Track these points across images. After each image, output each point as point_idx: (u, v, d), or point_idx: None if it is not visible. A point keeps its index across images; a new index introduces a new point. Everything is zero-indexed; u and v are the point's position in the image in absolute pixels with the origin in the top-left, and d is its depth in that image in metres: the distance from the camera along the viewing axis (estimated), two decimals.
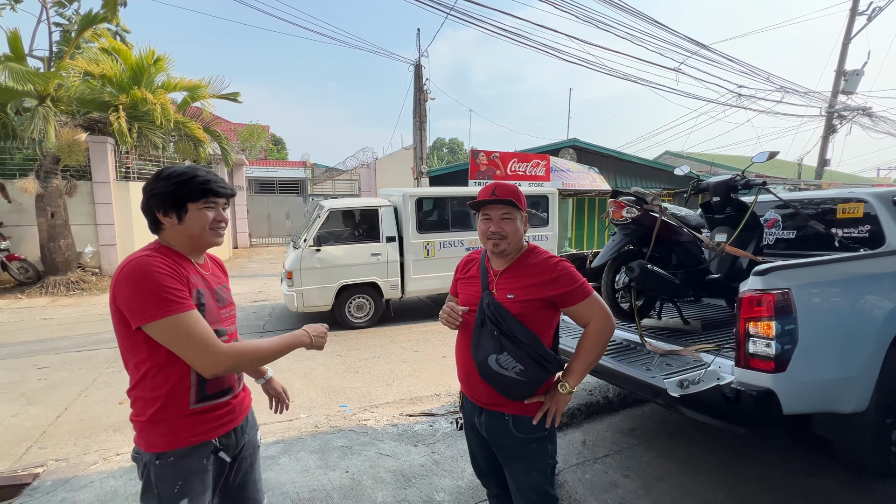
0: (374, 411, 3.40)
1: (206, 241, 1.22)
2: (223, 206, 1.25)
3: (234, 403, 1.27)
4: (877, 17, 12.39)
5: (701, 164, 16.84)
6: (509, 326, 1.35)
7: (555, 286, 1.37)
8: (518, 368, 1.34)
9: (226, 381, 1.23)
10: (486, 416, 1.46)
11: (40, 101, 7.95)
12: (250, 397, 1.39)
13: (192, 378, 1.15)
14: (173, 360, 1.11)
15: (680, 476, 2.44)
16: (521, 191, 1.46)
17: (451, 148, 48.46)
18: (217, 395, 1.21)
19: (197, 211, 1.17)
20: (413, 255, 6.18)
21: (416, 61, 10.78)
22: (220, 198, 1.22)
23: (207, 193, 1.18)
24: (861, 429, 2.16)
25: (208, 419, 1.19)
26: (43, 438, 3.04)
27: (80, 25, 8.79)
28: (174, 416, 1.14)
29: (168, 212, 1.17)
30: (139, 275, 1.06)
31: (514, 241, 1.42)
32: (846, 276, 2.17)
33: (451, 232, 6.45)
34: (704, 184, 3.14)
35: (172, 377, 1.13)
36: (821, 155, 13.63)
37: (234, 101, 10.37)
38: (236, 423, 1.27)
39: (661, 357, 2.37)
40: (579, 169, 12.14)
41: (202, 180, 1.18)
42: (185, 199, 1.16)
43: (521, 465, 1.44)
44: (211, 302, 1.21)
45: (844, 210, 2.93)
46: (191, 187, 1.16)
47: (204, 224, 1.19)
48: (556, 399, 1.42)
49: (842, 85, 12.90)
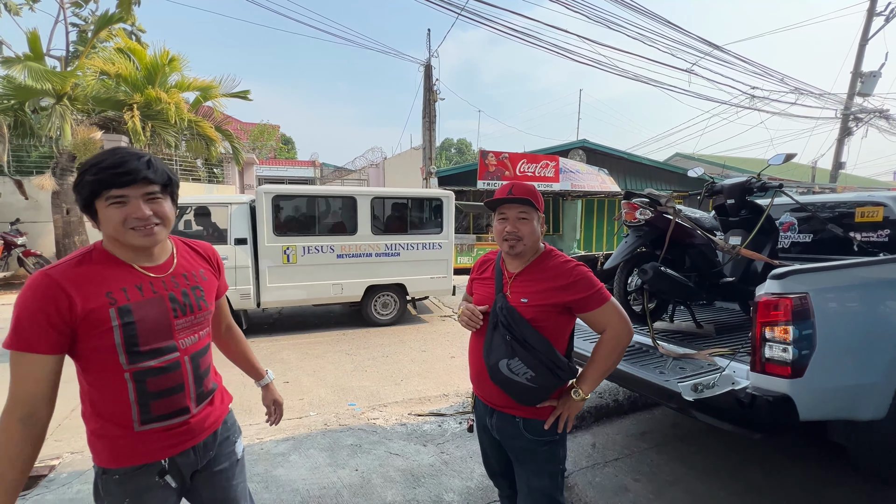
0: (382, 410, 3.41)
1: (130, 242, 0.98)
2: (147, 198, 0.98)
3: (192, 423, 1.11)
4: (895, 17, 12.16)
5: (712, 167, 16.65)
6: (522, 331, 1.32)
7: (570, 291, 1.33)
8: (529, 375, 1.31)
9: (176, 401, 1.07)
10: (498, 418, 1.46)
11: (57, 99, 8.10)
12: (221, 410, 1.22)
13: (130, 397, 1.01)
14: (105, 379, 1.00)
15: (692, 481, 2.42)
16: (538, 191, 1.44)
17: (458, 148, 48.46)
18: (164, 417, 1.05)
19: (103, 209, 0.96)
20: (269, 260, 5.37)
21: (426, 61, 10.80)
22: (123, 188, 0.94)
23: (103, 186, 0.93)
24: (879, 437, 2.11)
25: (155, 440, 1.05)
26: (59, 431, 3.10)
27: (96, 25, 8.94)
28: (116, 435, 1.02)
29: (84, 213, 0.99)
30: (19, 295, 0.94)
31: (531, 242, 1.39)
32: (865, 280, 2.13)
33: (317, 236, 5.64)
34: (719, 186, 3.10)
35: (107, 396, 1.01)
36: (836, 158, 13.42)
37: (245, 98, 10.47)
38: (194, 442, 1.12)
39: (675, 360, 2.35)
40: (589, 170, 12.07)
41: (95, 170, 0.93)
42: (87, 197, 0.95)
43: (533, 467, 1.43)
44: (151, 315, 1.01)
45: (863, 214, 2.88)
46: (84, 183, 0.94)
47: (114, 224, 0.96)
48: (568, 404, 1.39)
49: (858, 87, 12.70)
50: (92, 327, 0.95)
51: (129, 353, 0.99)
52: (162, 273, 1.07)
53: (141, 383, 1.02)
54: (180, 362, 1.07)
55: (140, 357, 1.01)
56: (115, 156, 0.96)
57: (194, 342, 1.12)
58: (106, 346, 0.97)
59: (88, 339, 0.96)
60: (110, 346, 0.97)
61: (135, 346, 1.00)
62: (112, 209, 0.95)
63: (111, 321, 0.96)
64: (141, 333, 1.00)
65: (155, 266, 1.07)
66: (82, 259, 0.99)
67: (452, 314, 6.77)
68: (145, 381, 1.02)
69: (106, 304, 0.96)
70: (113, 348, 0.98)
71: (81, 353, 0.99)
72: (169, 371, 1.05)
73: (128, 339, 0.98)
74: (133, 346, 0.99)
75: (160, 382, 1.04)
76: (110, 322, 0.96)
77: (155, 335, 1.02)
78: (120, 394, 1.00)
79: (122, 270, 1.01)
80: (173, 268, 1.10)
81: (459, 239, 11.19)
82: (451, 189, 11.29)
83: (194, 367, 1.11)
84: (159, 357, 1.03)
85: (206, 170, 11.25)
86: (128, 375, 1.00)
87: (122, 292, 0.99)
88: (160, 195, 1.01)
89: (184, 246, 1.18)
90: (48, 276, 0.94)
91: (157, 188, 1.00)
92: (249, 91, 10.23)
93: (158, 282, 1.05)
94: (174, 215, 1.06)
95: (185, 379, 1.08)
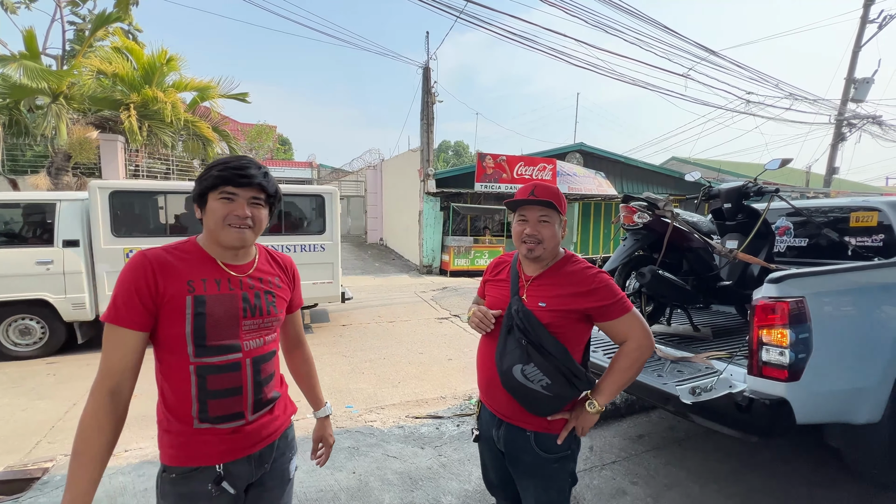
0: (380, 412, 3.40)
1: (221, 239, 1.06)
2: (252, 202, 1.08)
3: (248, 430, 1.10)
4: (888, 24, 12.31)
5: (708, 171, 16.77)
6: (538, 336, 1.26)
7: (591, 298, 1.28)
8: (545, 382, 1.25)
9: (233, 404, 1.07)
10: (506, 430, 1.37)
11: (53, 98, 8.05)
12: (282, 421, 1.21)
13: (192, 392, 1.04)
14: (174, 370, 1.04)
15: (689, 484, 2.42)
16: (562, 193, 1.37)
17: (456, 150, 48.52)
18: (219, 419, 1.06)
19: (213, 202, 1.05)
20: (108, 265, 4.72)
21: (425, 64, 10.82)
22: (238, 188, 1.05)
23: (222, 182, 1.03)
24: (874, 440, 2.13)
25: (212, 442, 1.06)
26: (52, 433, 3.07)
27: (93, 25, 8.92)
28: (177, 430, 1.05)
29: (196, 202, 1.08)
30: (120, 272, 1.01)
31: (551, 246, 1.32)
32: (861, 285, 2.16)
33: (167, 237, 4.92)
34: (716, 190, 3.13)
35: (174, 387, 1.05)
36: (829, 163, 13.53)
37: (243, 101, 10.47)
38: (251, 451, 1.11)
39: (672, 364, 2.36)
40: (585, 173, 12.12)
41: (222, 167, 1.04)
42: (205, 188, 1.05)
43: (540, 483, 1.35)
44: (221, 310, 1.05)
45: (858, 219, 2.91)
46: (209, 175, 1.04)
47: (217, 217, 1.04)
48: (582, 417, 1.32)
49: (852, 93, 12.82)
50: (171, 312, 1.01)
51: (196, 346, 1.03)
52: (241, 273, 1.12)
53: (202, 379, 1.04)
54: (241, 364, 1.08)
55: (205, 351, 1.03)
56: (241, 161, 1.08)
57: (259, 346, 1.12)
58: (178, 333, 1.02)
59: (167, 324, 1.01)
60: (181, 335, 1.02)
61: (202, 338, 1.03)
62: (220, 203, 1.04)
63: (186, 308, 1.01)
64: (209, 326, 1.03)
65: (236, 265, 1.12)
66: (177, 247, 1.08)
67: (450, 316, 6.76)
68: (206, 378, 1.04)
69: (185, 290, 1.02)
70: (183, 337, 1.02)
71: (160, 339, 1.03)
72: (229, 371, 1.06)
73: (196, 331, 1.02)
74: (201, 338, 1.03)
75: (219, 381, 1.05)
76: (185, 310, 1.01)
77: (222, 332, 1.05)
78: (184, 387, 1.04)
79: (207, 264, 1.08)
80: (252, 270, 1.14)
81: (457, 241, 11.19)
82: (448, 191, 11.36)
83: (255, 371, 1.10)
84: (222, 355, 1.05)
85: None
86: (192, 368, 1.03)
87: (201, 283, 1.05)
88: (262, 203, 1.11)
89: (266, 254, 1.23)
90: (144, 255, 1.02)
91: (263, 196, 1.10)
92: (248, 94, 10.24)
93: (236, 280, 1.10)
94: (265, 225, 1.14)
95: (243, 382, 1.08)
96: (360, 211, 17.90)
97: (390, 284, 9.62)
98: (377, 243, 16.41)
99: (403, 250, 13.62)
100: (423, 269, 11.39)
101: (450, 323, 6.42)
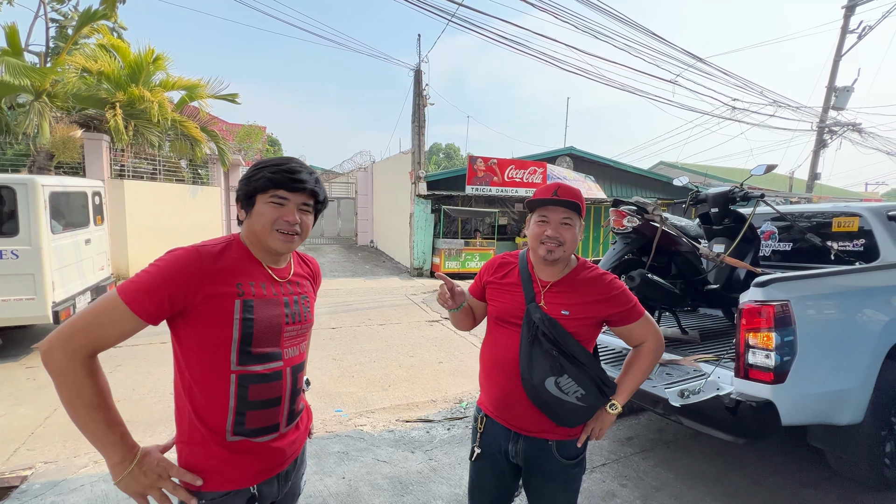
0: (370, 416, 3.37)
1: (268, 244, 1.01)
2: (302, 208, 1.04)
3: (281, 445, 1.05)
4: (867, 35, 12.68)
5: (695, 175, 17.03)
6: (569, 346, 1.23)
7: (612, 304, 1.28)
8: (580, 393, 1.23)
9: (271, 416, 1.02)
10: (526, 443, 1.32)
11: (36, 96, 7.87)
12: (303, 436, 1.16)
13: (230, 403, 0.97)
14: (211, 377, 0.96)
15: (678, 486, 2.45)
16: (583, 196, 1.33)
17: (447, 153, 48.61)
18: (256, 432, 1.00)
19: (262, 205, 1.00)
20: None
21: (417, 66, 10.83)
22: (290, 192, 1.00)
23: (273, 185, 0.99)
24: (856, 440, 2.18)
25: (247, 462, 0.99)
26: (31, 440, 2.98)
27: (78, 22, 8.74)
28: (208, 441, 0.97)
29: (242, 202, 1.03)
30: (163, 256, 0.94)
31: (570, 249, 1.29)
32: (843, 289, 2.21)
33: None
34: (703, 195, 3.18)
35: (208, 396, 0.96)
36: (811, 169, 13.87)
37: (233, 102, 10.35)
38: (282, 469, 1.07)
39: (661, 367, 2.39)
40: (575, 177, 12.23)
41: (274, 169, 0.99)
42: (254, 189, 1.00)
43: (560, 486, 1.35)
44: (267, 316, 1.00)
45: (840, 224, 2.98)
46: (259, 176, 0.99)
47: (265, 221, 0.99)
48: (602, 419, 1.33)
49: (832, 101, 13.17)
50: (214, 314, 0.94)
51: (241, 353, 0.97)
52: (283, 278, 1.08)
53: (243, 388, 0.98)
54: (282, 373, 1.03)
55: (250, 359, 0.98)
56: (293, 163, 1.04)
57: (296, 354, 1.09)
58: (222, 338, 0.95)
59: (208, 325, 0.94)
60: (226, 340, 0.95)
61: (248, 345, 0.97)
62: (269, 206, 1.00)
63: (234, 313, 0.95)
64: (257, 333, 0.98)
65: (279, 269, 1.08)
66: (227, 246, 1.01)
67: (441, 319, 6.75)
68: (247, 388, 0.98)
69: (234, 293, 0.96)
70: (228, 343, 0.95)
71: (194, 343, 0.95)
72: (272, 380, 1.01)
73: (244, 337, 0.96)
74: (247, 345, 0.97)
75: (261, 391, 1.00)
76: (233, 314, 0.95)
77: (268, 338, 1.00)
78: (221, 396, 0.96)
79: (254, 266, 1.03)
80: (291, 275, 1.11)
81: (447, 244, 11.18)
82: (439, 193, 11.36)
83: (293, 381, 1.07)
84: (266, 363, 1.00)
85: (191, 171, 11.03)
86: (233, 377, 0.97)
87: (249, 286, 0.99)
88: (311, 210, 1.07)
89: (297, 257, 1.19)
90: (198, 252, 0.95)
91: (312, 202, 1.07)
92: (238, 95, 10.14)
93: (279, 285, 1.06)
94: (310, 232, 1.10)
95: (283, 392, 1.04)
96: (350, 213, 17.80)
97: (381, 287, 9.57)
98: (367, 245, 16.33)
99: (394, 253, 13.57)
100: (414, 271, 11.36)
101: (440, 326, 6.40)
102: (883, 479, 2.24)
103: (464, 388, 4.00)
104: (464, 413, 3.45)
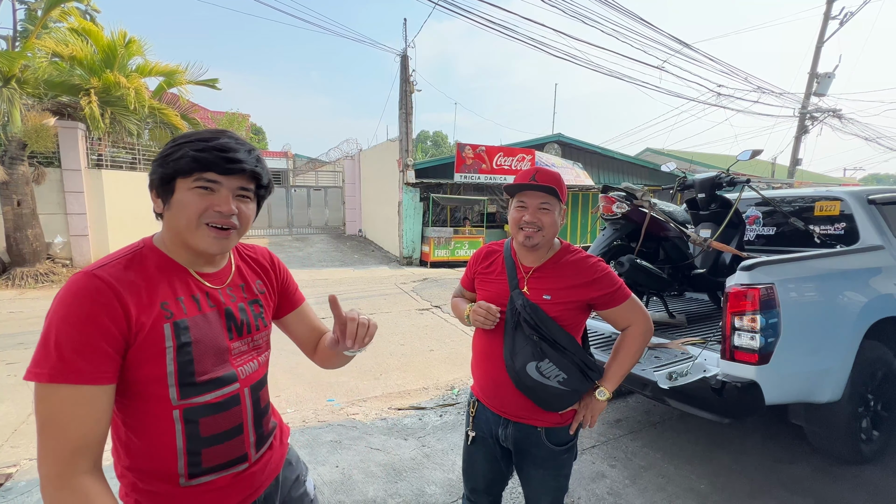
0: (362, 405, 3.38)
1: (195, 242, 0.80)
2: (240, 194, 0.82)
3: (252, 473, 0.90)
4: (848, 21, 12.84)
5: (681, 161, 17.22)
6: (550, 331, 1.23)
7: (596, 288, 1.27)
8: (561, 377, 1.24)
9: (233, 448, 0.86)
10: (515, 429, 1.34)
11: (5, 82, 7.51)
12: (281, 451, 1.02)
13: (178, 444, 0.80)
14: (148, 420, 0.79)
15: (665, 465, 2.51)
16: (563, 180, 1.30)
17: (435, 141, 48.23)
18: (218, 468, 0.84)
19: (185, 192, 0.78)
20: None
21: (403, 52, 10.63)
22: (223, 175, 0.79)
23: (200, 166, 0.77)
24: (834, 418, 2.26)
25: (206, 500, 0.84)
26: (15, 437, 2.91)
27: (47, 3, 8.33)
28: (157, 491, 0.81)
29: (157, 190, 0.80)
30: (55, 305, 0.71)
31: (550, 234, 1.28)
32: (825, 271, 2.26)
33: None
34: (690, 181, 3.21)
35: (148, 443, 0.79)
36: (793, 154, 14.13)
37: (213, 87, 10.02)
38: (256, 497, 0.92)
39: (650, 350, 2.43)
40: (564, 164, 12.25)
41: (200, 146, 0.78)
42: (173, 172, 0.77)
43: (550, 472, 1.36)
44: (209, 335, 0.83)
45: (822, 208, 3.04)
46: (180, 154, 0.77)
47: (190, 213, 0.78)
48: (591, 406, 1.33)
49: (814, 87, 13.36)
50: (144, 348, 0.75)
51: (181, 385, 0.79)
52: (219, 283, 0.88)
53: (192, 424, 0.81)
54: (240, 396, 0.87)
55: (194, 390, 0.80)
56: (225, 137, 0.81)
57: (254, 370, 0.90)
58: (155, 375, 0.77)
59: (138, 364, 0.76)
60: (160, 376, 0.77)
61: (190, 374, 0.79)
62: (195, 194, 0.78)
63: (165, 341, 0.77)
64: (198, 358, 0.80)
65: (213, 273, 0.88)
66: (133, 258, 0.79)
67: (431, 307, 6.76)
68: (197, 422, 0.81)
69: (161, 316, 0.77)
70: (163, 378, 0.77)
71: (127, 383, 0.77)
72: (226, 408, 0.85)
73: (182, 367, 0.78)
74: (188, 374, 0.79)
75: (216, 423, 0.83)
76: (164, 342, 0.77)
77: (212, 361, 0.82)
78: (165, 440, 0.79)
79: (178, 276, 0.82)
80: (231, 277, 0.91)
81: (436, 232, 11.16)
82: (428, 181, 11.28)
83: (254, 402, 0.90)
84: (217, 390, 0.83)
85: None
86: (177, 414, 0.79)
87: (178, 303, 0.80)
88: (251, 196, 0.85)
89: (237, 252, 0.97)
90: (97, 277, 0.73)
91: (253, 186, 0.84)
92: (218, 80, 9.80)
93: (215, 293, 0.86)
94: (251, 224, 0.87)
95: (244, 418, 0.88)
96: (338, 202, 17.59)
97: (370, 276, 9.53)
98: (356, 235, 16.20)
99: (383, 242, 13.50)
100: (404, 260, 11.33)
101: (431, 314, 6.42)
102: (859, 454, 2.34)
103: (455, 376, 4.02)
104: (455, 400, 3.48)
